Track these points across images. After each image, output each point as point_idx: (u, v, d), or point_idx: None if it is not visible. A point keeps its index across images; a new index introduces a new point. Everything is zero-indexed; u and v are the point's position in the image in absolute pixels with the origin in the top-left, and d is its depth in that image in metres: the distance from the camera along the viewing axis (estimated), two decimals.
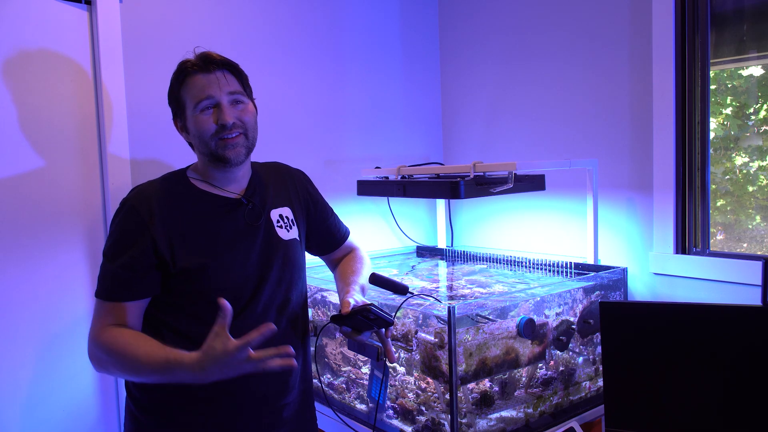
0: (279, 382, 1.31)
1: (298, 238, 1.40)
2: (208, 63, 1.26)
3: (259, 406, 1.29)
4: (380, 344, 1.34)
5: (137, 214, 1.22)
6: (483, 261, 2.19)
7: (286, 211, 1.39)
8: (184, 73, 1.27)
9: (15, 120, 1.61)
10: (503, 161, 1.89)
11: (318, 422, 1.53)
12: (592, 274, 1.81)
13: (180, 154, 1.82)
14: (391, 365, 1.67)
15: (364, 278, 1.45)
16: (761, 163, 1.76)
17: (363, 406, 1.71)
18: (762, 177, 1.76)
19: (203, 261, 1.23)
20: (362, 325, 1.26)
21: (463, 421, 1.48)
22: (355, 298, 1.29)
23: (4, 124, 1.59)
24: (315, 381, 1.81)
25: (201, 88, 1.24)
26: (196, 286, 1.23)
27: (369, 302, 1.26)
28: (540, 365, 1.63)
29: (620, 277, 1.82)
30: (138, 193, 1.27)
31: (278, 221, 1.36)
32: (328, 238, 1.54)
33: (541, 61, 2.14)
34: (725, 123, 1.83)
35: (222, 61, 1.27)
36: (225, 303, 1.07)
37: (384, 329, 1.28)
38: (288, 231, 1.37)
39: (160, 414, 1.27)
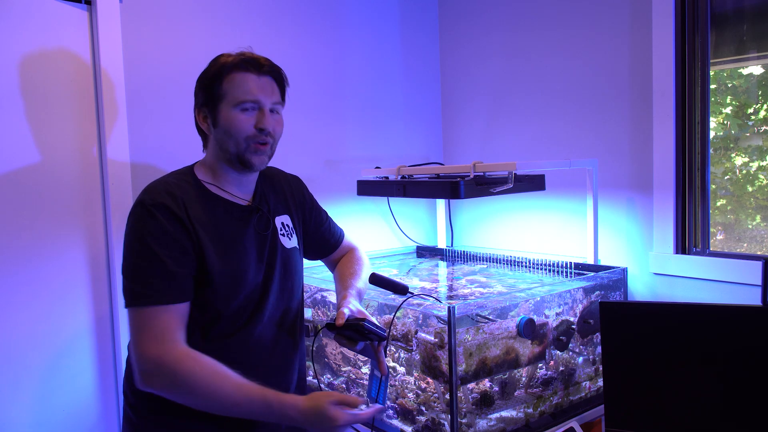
0: (274, 385, 1.31)
1: (298, 247, 1.39)
2: (259, 65, 1.24)
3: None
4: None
5: (173, 214, 1.17)
6: (483, 261, 2.19)
7: (287, 219, 1.39)
8: (230, 67, 1.22)
9: (15, 120, 1.61)
10: (503, 161, 1.89)
11: None
12: (592, 274, 1.81)
13: (180, 154, 1.82)
14: (391, 366, 1.67)
15: (362, 281, 1.44)
16: (761, 163, 1.76)
17: (363, 407, 1.71)
18: (762, 177, 1.76)
19: (231, 268, 1.21)
20: (356, 336, 1.25)
21: (463, 421, 1.48)
22: (350, 307, 1.28)
23: (5, 124, 1.59)
24: (315, 381, 1.81)
25: (250, 88, 1.22)
26: (213, 293, 1.20)
27: (362, 317, 1.25)
28: (540, 365, 1.63)
29: (620, 277, 1.82)
30: (164, 192, 1.20)
31: (281, 229, 1.35)
32: (323, 244, 1.53)
33: (541, 61, 2.14)
34: (725, 123, 1.83)
35: (273, 68, 1.26)
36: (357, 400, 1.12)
37: (377, 343, 1.28)
38: (289, 239, 1.36)
39: (155, 419, 1.25)
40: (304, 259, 1.50)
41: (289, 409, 1.09)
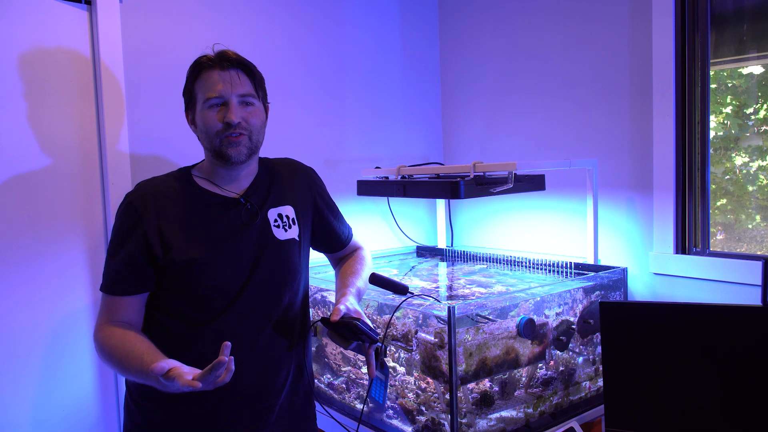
0: (265, 383, 1.32)
1: (296, 238, 1.38)
2: (223, 60, 1.27)
3: (244, 406, 1.29)
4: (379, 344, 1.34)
5: (133, 210, 1.25)
6: (483, 261, 2.19)
7: (287, 210, 1.39)
8: (199, 67, 1.28)
9: (15, 120, 1.61)
10: (503, 161, 1.89)
11: (318, 422, 1.53)
12: (592, 274, 1.81)
13: (181, 154, 1.83)
14: (391, 366, 1.67)
15: (362, 280, 1.44)
16: (761, 163, 1.76)
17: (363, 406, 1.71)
18: (762, 177, 1.76)
19: (192, 256, 1.24)
20: (349, 334, 1.25)
21: (463, 421, 1.48)
22: (347, 305, 1.28)
23: (5, 124, 1.59)
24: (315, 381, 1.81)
25: (213, 84, 1.26)
26: (183, 281, 1.24)
27: (357, 317, 1.25)
28: (540, 365, 1.63)
29: (620, 277, 1.82)
30: (138, 188, 1.29)
31: (276, 221, 1.35)
32: (333, 240, 1.53)
33: (541, 61, 2.15)
34: (725, 123, 1.83)
35: (238, 61, 1.28)
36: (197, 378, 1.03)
37: (368, 344, 1.27)
38: (285, 231, 1.36)
39: (150, 410, 1.29)
40: (310, 252, 1.49)
41: (152, 378, 1.08)
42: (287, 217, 1.38)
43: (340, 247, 1.55)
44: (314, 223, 1.47)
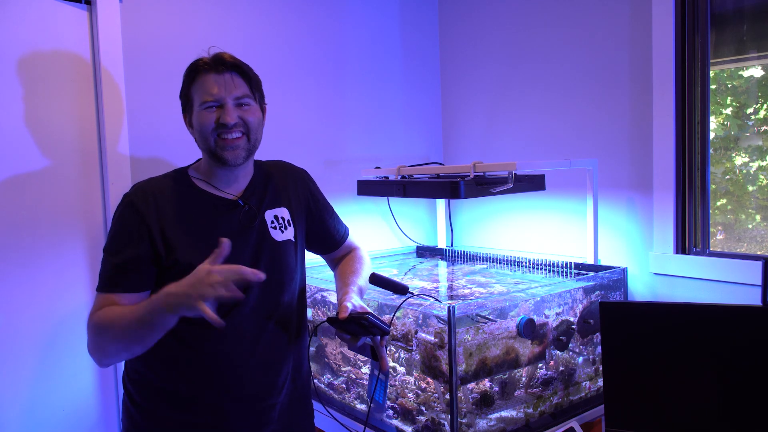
0: (267, 382, 1.32)
1: (293, 239, 1.39)
2: (219, 63, 1.27)
3: (246, 405, 1.29)
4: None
5: (136, 209, 1.24)
6: (483, 261, 2.19)
7: (283, 212, 1.40)
8: (195, 71, 1.29)
9: (15, 120, 1.61)
10: (503, 161, 1.89)
11: (317, 422, 1.53)
12: (592, 274, 1.81)
13: (181, 154, 1.82)
14: (391, 366, 1.67)
15: (363, 279, 1.44)
16: (761, 163, 1.76)
17: (363, 406, 1.71)
18: (762, 177, 1.76)
19: (194, 257, 1.23)
20: (358, 330, 1.25)
21: (463, 421, 1.48)
22: (353, 302, 1.29)
23: (5, 124, 1.59)
24: (315, 380, 1.81)
25: (209, 87, 1.26)
26: None
27: (365, 311, 1.25)
28: (540, 365, 1.63)
29: (620, 277, 1.82)
30: (138, 188, 1.29)
31: (272, 222, 1.36)
32: (328, 239, 1.53)
33: (541, 61, 2.14)
34: (725, 123, 1.83)
35: (233, 63, 1.29)
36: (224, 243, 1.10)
37: (379, 338, 1.28)
38: (282, 232, 1.37)
39: (149, 410, 1.29)
40: (306, 254, 1.50)
41: (165, 291, 1.10)
42: (283, 218, 1.39)
43: (335, 246, 1.55)
44: (308, 224, 1.47)
